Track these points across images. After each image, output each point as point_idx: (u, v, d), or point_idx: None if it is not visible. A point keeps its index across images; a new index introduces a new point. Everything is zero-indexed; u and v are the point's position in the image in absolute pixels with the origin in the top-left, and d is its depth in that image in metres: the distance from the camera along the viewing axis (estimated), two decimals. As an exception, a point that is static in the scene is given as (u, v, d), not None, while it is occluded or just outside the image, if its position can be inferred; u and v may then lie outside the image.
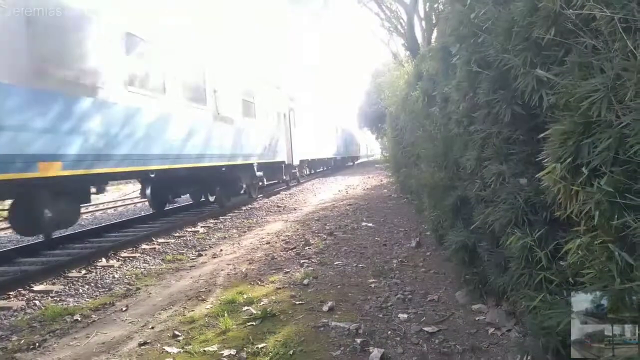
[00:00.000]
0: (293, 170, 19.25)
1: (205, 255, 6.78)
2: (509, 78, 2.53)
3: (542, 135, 2.06)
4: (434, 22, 12.76)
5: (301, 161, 20.31)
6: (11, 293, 5.21)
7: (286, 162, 17.26)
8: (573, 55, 1.96)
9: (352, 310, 3.92)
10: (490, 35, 2.81)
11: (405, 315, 3.70)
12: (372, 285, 4.55)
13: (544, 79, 2.14)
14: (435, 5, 12.72)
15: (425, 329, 3.39)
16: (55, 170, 5.63)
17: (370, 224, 8.18)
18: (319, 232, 7.78)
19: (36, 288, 5.41)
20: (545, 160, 1.93)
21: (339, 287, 4.57)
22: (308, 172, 24.69)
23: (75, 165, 5.96)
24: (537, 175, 2.08)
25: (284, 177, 17.84)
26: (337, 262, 5.54)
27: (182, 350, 3.30)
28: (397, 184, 12.86)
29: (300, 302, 4.17)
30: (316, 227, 8.37)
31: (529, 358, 2.25)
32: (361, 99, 42.72)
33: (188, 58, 9.28)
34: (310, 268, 5.35)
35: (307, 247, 6.55)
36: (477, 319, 3.52)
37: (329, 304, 3.99)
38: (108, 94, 6.54)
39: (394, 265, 5.30)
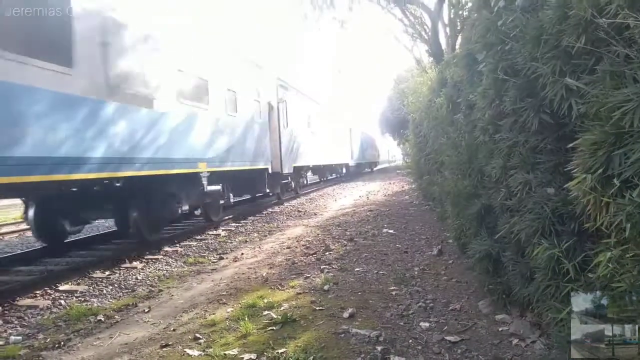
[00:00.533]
0: (284, 181, 15.14)
1: (227, 258, 6.83)
2: (537, 86, 2.50)
3: (571, 144, 2.03)
4: (458, 28, 12.67)
5: (297, 168, 16.18)
6: (38, 292, 5.33)
7: (271, 170, 13.23)
8: (604, 64, 1.92)
9: (373, 317, 3.90)
10: (518, 43, 2.78)
11: (427, 324, 3.66)
12: (393, 293, 4.52)
13: (573, 87, 2.11)
14: (460, 12, 12.63)
15: (448, 338, 3.35)
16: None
17: (391, 231, 8.13)
18: (340, 237, 7.76)
19: (62, 288, 5.52)
20: (575, 170, 1.90)
21: (359, 293, 4.55)
22: (306, 182, 20.98)
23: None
24: (566, 186, 2.04)
25: (267, 190, 13.68)
26: (357, 269, 5.52)
27: (202, 353, 3.33)
28: (419, 190, 12.76)
29: (321, 307, 4.16)
30: (337, 232, 8.36)
31: (555, 372, 2.20)
32: (383, 104, 42.18)
33: None
34: (331, 274, 5.34)
35: (327, 253, 6.54)
36: (500, 329, 3.46)
37: (350, 310, 3.97)
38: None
39: (416, 272, 5.25)
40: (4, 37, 4.62)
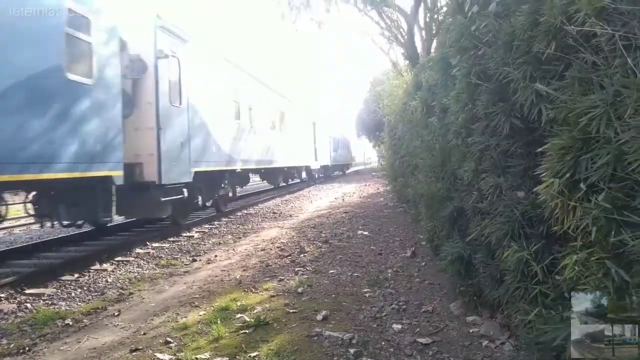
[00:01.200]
0: (167, 198, 8.34)
1: (200, 260, 6.74)
2: (509, 91, 2.54)
3: (540, 149, 2.06)
4: (434, 32, 12.81)
5: (204, 175, 10.14)
6: (2, 295, 5.15)
7: (124, 180, 7.26)
8: (573, 71, 1.96)
9: (346, 319, 3.90)
10: (490, 48, 2.82)
11: (400, 326, 3.68)
12: (367, 295, 4.53)
13: (543, 93, 2.15)
14: (436, 16, 12.78)
15: (419, 340, 3.37)
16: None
17: (365, 233, 8.16)
18: (315, 239, 7.75)
19: (28, 291, 5.35)
20: (543, 174, 1.93)
21: (333, 296, 4.54)
22: (234, 195, 13.90)
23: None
24: (535, 189, 2.07)
25: (113, 216, 7.45)
26: (332, 271, 5.52)
27: (173, 358, 3.27)
28: (393, 192, 12.85)
29: (294, 310, 4.14)
30: (312, 234, 8.34)
31: (523, 373, 2.24)
32: (360, 107, 42.38)
33: None
34: (305, 276, 5.32)
35: (302, 255, 6.52)
36: (471, 331, 3.50)
37: (323, 313, 3.96)
38: None
39: (389, 274, 5.28)
40: None
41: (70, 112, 6.08)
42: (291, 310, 4.13)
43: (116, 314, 4.39)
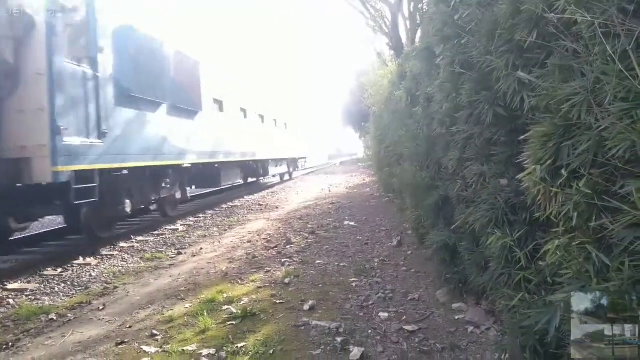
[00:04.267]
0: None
1: (185, 253, 6.70)
2: (492, 80, 2.55)
3: (523, 137, 2.08)
4: (418, 22, 12.83)
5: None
6: (-17, 292, 5.08)
7: None
8: (554, 58, 1.97)
9: (333, 309, 3.91)
10: (473, 37, 2.82)
11: (386, 314, 3.71)
12: (354, 284, 4.55)
13: (525, 81, 2.16)
14: (420, 6, 12.79)
15: (406, 327, 3.40)
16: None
17: (352, 223, 8.19)
18: (301, 230, 7.76)
19: (10, 286, 5.27)
20: (526, 161, 1.95)
21: (320, 286, 4.56)
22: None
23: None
24: (517, 177, 2.09)
25: None
26: (318, 261, 5.53)
27: (160, 350, 3.25)
28: (379, 183, 12.91)
29: (281, 301, 4.15)
30: (298, 225, 8.35)
31: (507, 356, 2.27)
32: (345, 98, 42.17)
33: None
34: (292, 267, 5.33)
35: (288, 246, 6.52)
36: (457, 317, 3.55)
37: (310, 303, 3.98)
38: None
39: (376, 264, 5.31)
40: None
41: None
42: (278, 301, 4.14)
43: (101, 308, 4.35)
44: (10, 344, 3.62)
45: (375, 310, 3.83)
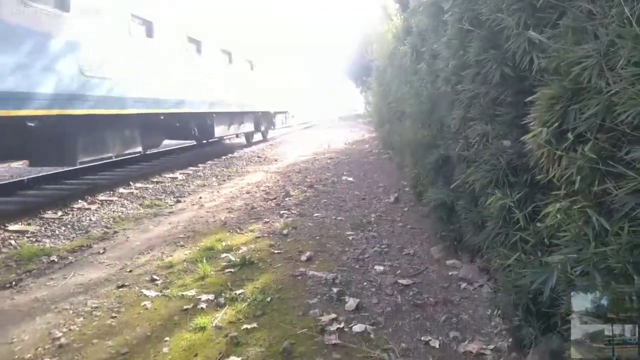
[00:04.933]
0: None
1: (184, 202, 6.76)
2: (501, 38, 2.49)
3: (530, 98, 2.06)
4: (426, -26, 12.41)
5: None
6: (-16, 232, 5.14)
7: None
8: (567, 19, 1.93)
9: (330, 260, 4.00)
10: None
11: (381, 268, 3.79)
12: (350, 238, 4.63)
13: (536, 41, 2.12)
14: (429, -43, 12.33)
15: (400, 281, 3.50)
16: None
17: (350, 178, 8.23)
18: (299, 184, 7.80)
19: (11, 228, 5.34)
20: (531, 123, 1.94)
21: (317, 238, 4.64)
22: None
23: None
24: (522, 139, 2.09)
25: None
26: (316, 214, 5.60)
27: (160, 294, 3.35)
28: (379, 139, 12.87)
29: (279, 251, 4.23)
30: (296, 179, 8.39)
31: (499, 312, 2.34)
32: (347, 51, 41.06)
33: None
34: (290, 219, 5.40)
35: (287, 198, 6.58)
36: (450, 274, 3.64)
37: (307, 254, 4.06)
38: None
39: (372, 219, 5.38)
40: None
41: None
42: (276, 251, 4.22)
43: (101, 251, 4.43)
44: (14, 282, 3.70)
45: (370, 263, 3.92)
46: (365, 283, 3.48)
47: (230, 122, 13.57)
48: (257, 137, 18.25)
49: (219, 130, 12.58)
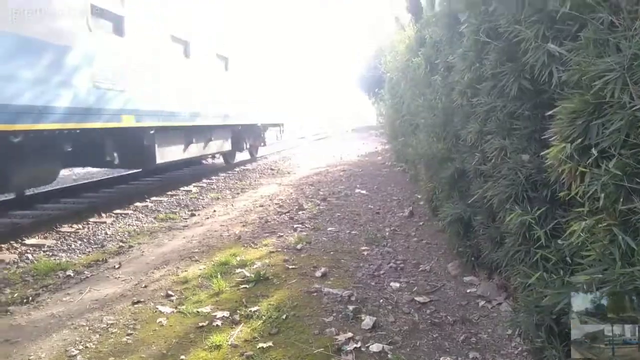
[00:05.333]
0: None
1: (198, 215, 6.78)
2: (519, 51, 2.46)
3: (550, 112, 2.02)
4: (439, -14, 12.42)
5: None
6: (3, 245, 5.19)
7: None
8: (588, 31, 1.89)
9: (345, 276, 3.95)
10: (502, 4, 2.72)
11: (397, 284, 3.74)
12: (365, 253, 4.58)
13: (555, 54, 2.08)
14: (442, -31, 12.36)
15: (417, 298, 3.44)
16: None
17: (363, 191, 8.18)
18: (313, 197, 7.78)
19: (28, 242, 5.39)
20: (552, 138, 1.90)
21: (332, 253, 4.60)
22: None
23: None
24: (542, 153, 2.05)
25: None
26: (330, 228, 5.57)
27: (175, 310, 3.33)
28: (392, 151, 12.82)
29: (294, 266, 4.20)
30: (310, 191, 8.37)
31: (520, 332, 2.28)
32: (359, 62, 40.97)
33: None
34: (304, 233, 5.37)
35: (300, 212, 6.56)
36: (468, 291, 3.57)
37: (322, 269, 4.02)
38: None
39: (387, 233, 5.33)
40: None
41: None
42: (290, 266, 4.19)
43: (117, 266, 4.44)
44: (31, 298, 3.72)
45: (386, 279, 3.87)
46: (381, 300, 3.43)
47: (188, 141, 9.41)
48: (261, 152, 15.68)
49: (165, 153, 8.52)
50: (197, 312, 3.28)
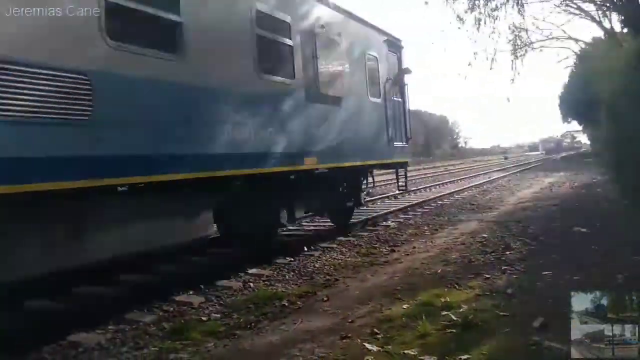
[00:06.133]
0: None
1: (398, 251, 6.80)
2: None
3: None
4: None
5: None
6: (230, 274, 5.90)
7: None
8: None
9: (568, 330, 3.44)
10: None
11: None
12: (592, 303, 3.95)
13: None
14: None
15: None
16: None
17: (583, 229, 7.17)
18: (520, 235, 7.14)
19: (250, 271, 6.05)
20: None
21: (550, 301, 4.07)
22: None
23: None
24: None
25: None
26: (545, 272, 4.96)
27: (381, 350, 3.30)
28: (614, 182, 11.09)
29: (505, 313, 3.83)
30: (516, 229, 7.71)
31: None
32: (564, 84, 36.55)
33: None
34: (514, 276, 4.92)
35: (507, 252, 6.05)
36: None
37: (540, 319, 3.57)
38: None
39: (619, 281, 4.51)
40: None
41: None
42: (501, 313, 3.83)
43: (325, 299, 4.68)
44: (253, 324, 4.14)
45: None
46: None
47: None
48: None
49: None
50: (404, 353, 3.19)
